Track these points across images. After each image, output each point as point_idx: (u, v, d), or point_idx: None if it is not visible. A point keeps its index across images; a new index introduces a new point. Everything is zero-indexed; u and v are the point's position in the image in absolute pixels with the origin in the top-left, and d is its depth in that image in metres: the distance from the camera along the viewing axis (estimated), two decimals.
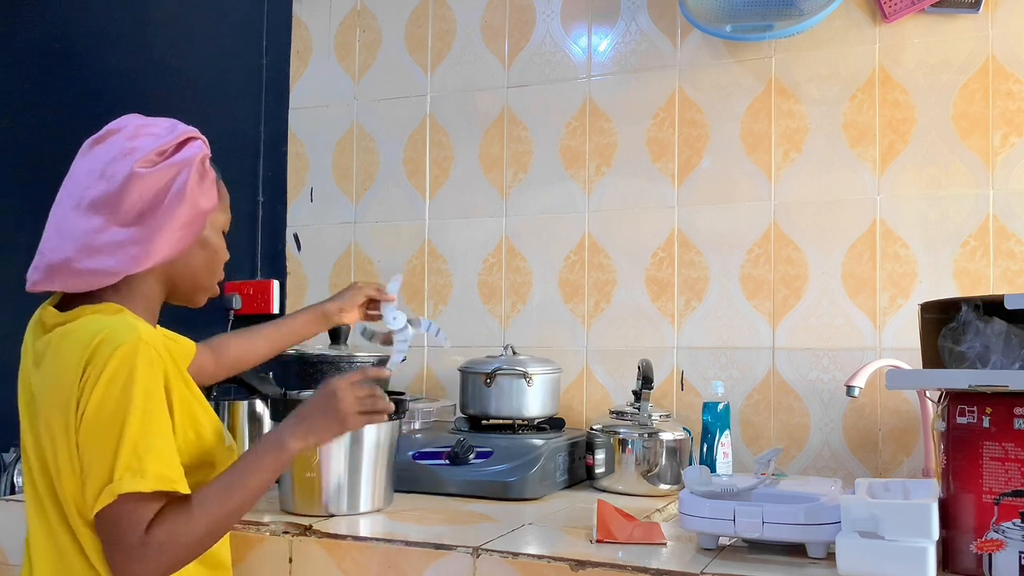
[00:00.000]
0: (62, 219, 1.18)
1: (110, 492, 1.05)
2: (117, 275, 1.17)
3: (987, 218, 1.77)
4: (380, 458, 1.50)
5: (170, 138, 1.21)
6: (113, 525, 1.06)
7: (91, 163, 1.19)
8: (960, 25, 1.80)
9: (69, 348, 1.12)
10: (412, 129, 2.27)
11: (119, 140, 1.20)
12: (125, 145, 1.19)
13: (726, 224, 1.96)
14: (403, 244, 2.27)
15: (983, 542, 1.11)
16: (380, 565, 1.30)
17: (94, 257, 1.15)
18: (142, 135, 1.21)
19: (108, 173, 1.17)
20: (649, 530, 1.34)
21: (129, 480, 1.05)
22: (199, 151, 1.24)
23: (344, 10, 2.37)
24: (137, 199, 1.16)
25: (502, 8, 2.20)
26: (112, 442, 1.06)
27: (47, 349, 1.15)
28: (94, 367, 1.08)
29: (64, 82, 2.75)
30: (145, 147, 1.19)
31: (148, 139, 1.20)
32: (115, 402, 1.07)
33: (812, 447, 1.87)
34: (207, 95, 2.52)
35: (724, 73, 1.98)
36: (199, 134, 1.27)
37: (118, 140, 1.20)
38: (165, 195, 1.18)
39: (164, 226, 1.18)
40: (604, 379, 2.05)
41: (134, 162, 1.17)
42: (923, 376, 1.30)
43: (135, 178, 1.16)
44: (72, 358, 1.10)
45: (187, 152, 1.22)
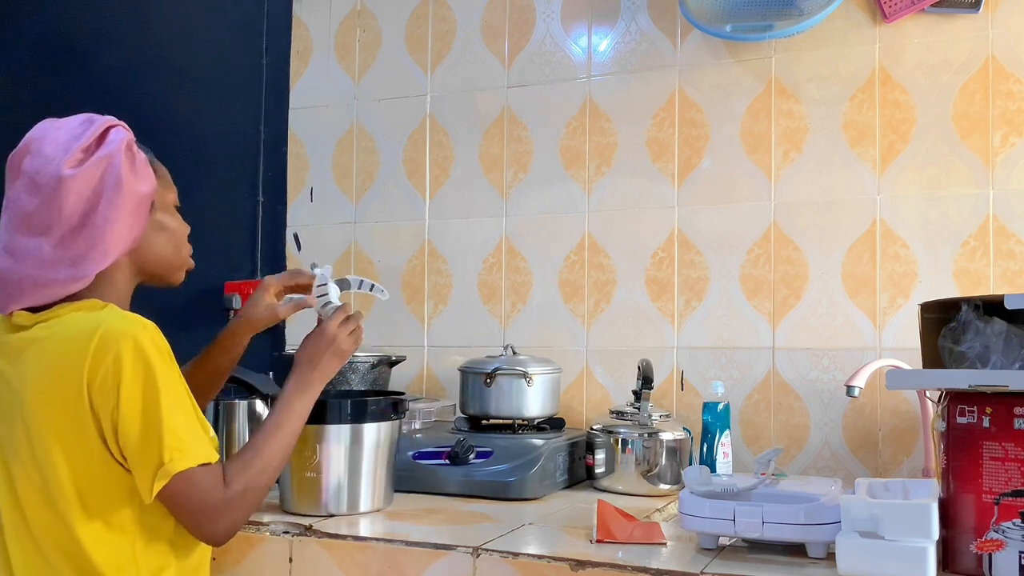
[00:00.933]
0: (10, 241, 1.18)
1: (165, 473, 1.11)
2: (84, 279, 1.18)
3: (987, 218, 1.77)
4: (380, 458, 1.50)
5: (89, 132, 1.21)
6: (187, 497, 1.13)
7: (21, 179, 1.19)
8: (960, 25, 1.80)
9: (63, 345, 1.13)
10: (412, 129, 2.28)
11: (40, 148, 1.20)
12: (46, 151, 1.19)
13: (726, 224, 1.96)
14: (403, 244, 2.27)
15: (983, 542, 1.11)
16: (380, 565, 1.30)
17: (55, 269, 1.17)
18: (61, 137, 1.21)
19: (39, 184, 1.17)
20: (649, 530, 1.34)
21: (179, 459, 1.12)
22: (122, 137, 1.23)
23: (344, 10, 2.37)
24: (75, 200, 1.17)
25: (502, 8, 2.20)
26: (154, 431, 1.11)
27: (29, 346, 1.16)
28: (107, 365, 1.10)
29: (64, 81, 2.75)
30: (67, 147, 1.19)
31: (68, 139, 1.20)
32: (143, 397, 1.11)
33: (812, 447, 1.87)
34: (207, 95, 2.52)
35: (724, 73, 1.98)
36: (117, 121, 1.26)
37: (40, 148, 1.20)
38: (102, 189, 1.18)
39: (110, 219, 1.18)
40: (604, 379, 2.05)
41: (61, 164, 1.17)
42: (923, 376, 1.30)
43: (66, 181, 1.16)
44: (72, 355, 1.12)
45: (110, 142, 1.21)
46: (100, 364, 1.11)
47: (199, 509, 1.15)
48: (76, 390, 1.11)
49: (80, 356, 1.11)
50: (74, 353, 1.12)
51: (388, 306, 2.26)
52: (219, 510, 1.16)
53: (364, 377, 1.95)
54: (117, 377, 1.10)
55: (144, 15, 2.65)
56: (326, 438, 1.45)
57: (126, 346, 1.11)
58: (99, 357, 1.11)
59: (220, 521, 1.18)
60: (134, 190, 1.21)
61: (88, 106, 2.79)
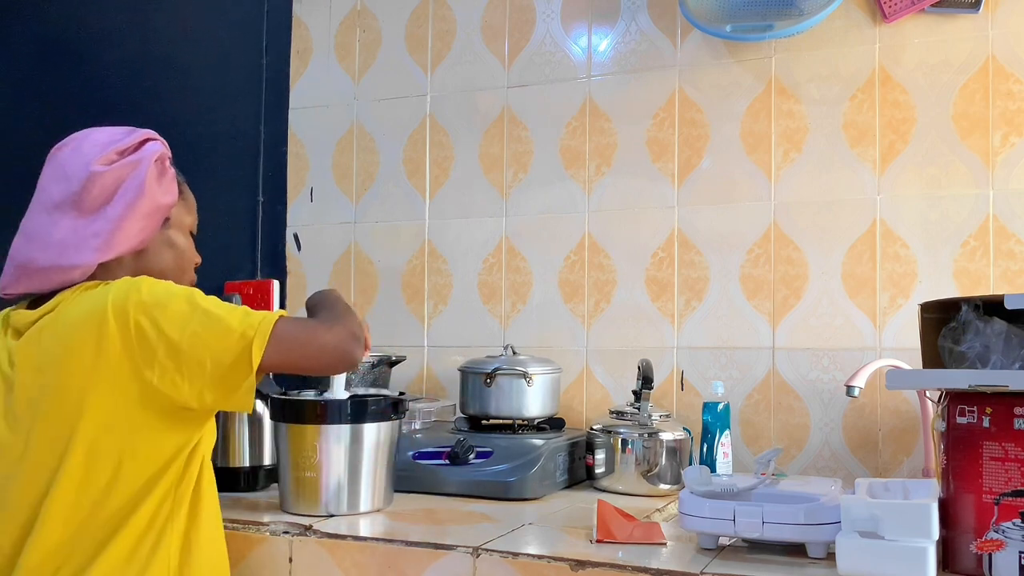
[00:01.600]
0: (27, 222, 1.26)
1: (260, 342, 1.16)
2: (84, 268, 1.22)
3: (987, 218, 1.77)
4: (380, 458, 1.50)
5: (128, 140, 1.28)
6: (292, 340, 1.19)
7: (54, 169, 1.26)
8: (960, 25, 1.80)
9: (78, 317, 1.16)
10: (412, 129, 2.27)
11: (79, 144, 1.27)
12: (84, 148, 1.26)
13: (726, 224, 1.96)
14: (403, 244, 2.27)
15: (983, 542, 1.11)
16: (380, 565, 1.30)
17: (62, 254, 1.22)
18: (101, 138, 1.28)
19: (69, 174, 1.24)
20: (649, 530, 1.34)
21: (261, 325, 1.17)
22: (157, 149, 1.30)
23: (344, 10, 2.37)
24: (97, 194, 1.23)
25: (502, 8, 2.20)
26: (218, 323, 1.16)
27: (41, 332, 1.19)
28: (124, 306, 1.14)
29: (63, 81, 2.75)
30: (104, 147, 1.26)
31: (107, 140, 1.27)
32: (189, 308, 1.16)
33: (812, 447, 1.87)
34: (207, 95, 2.52)
35: (724, 73, 1.98)
36: (158, 136, 1.33)
37: (80, 144, 1.27)
38: (123, 188, 1.25)
39: (123, 216, 1.24)
40: (604, 379, 2.05)
41: (93, 160, 1.24)
42: (923, 376, 1.30)
43: (94, 176, 1.23)
44: (89, 320, 1.15)
45: (145, 150, 1.28)
46: (125, 316, 1.14)
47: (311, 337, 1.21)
48: (104, 352, 1.14)
49: (99, 318, 1.14)
50: (92, 318, 1.15)
51: (388, 306, 2.26)
52: (325, 324, 1.24)
53: (364, 377, 1.95)
54: (150, 313, 1.14)
55: (144, 15, 2.65)
56: (326, 438, 1.45)
57: (143, 285, 1.17)
58: (120, 310, 1.14)
59: (336, 327, 1.24)
60: (153, 197, 1.27)
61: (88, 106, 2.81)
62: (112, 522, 1.16)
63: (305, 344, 1.20)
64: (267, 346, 1.16)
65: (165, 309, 1.15)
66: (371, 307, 2.28)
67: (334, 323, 1.26)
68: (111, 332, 1.14)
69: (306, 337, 1.21)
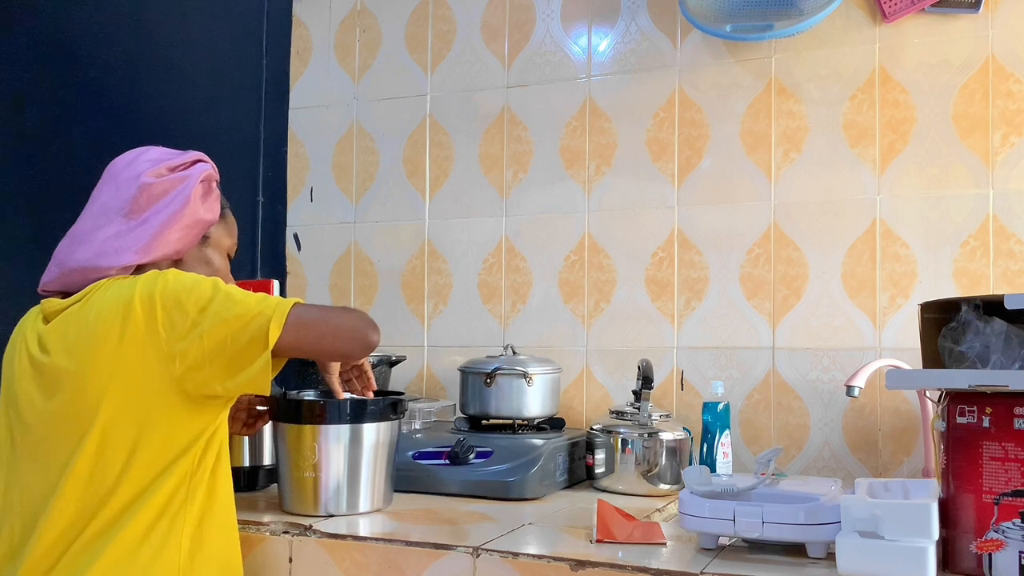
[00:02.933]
0: (78, 229, 1.32)
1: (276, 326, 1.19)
2: (121, 269, 1.28)
3: (987, 218, 1.77)
4: (380, 458, 1.50)
5: (180, 158, 1.37)
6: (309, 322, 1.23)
7: (108, 180, 1.35)
8: (960, 25, 1.80)
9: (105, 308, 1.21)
10: (412, 129, 2.27)
11: (134, 158, 1.35)
12: (140, 162, 1.34)
13: (726, 224, 1.96)
14: (403, 244, 2.27)
15: (983, 542, 1.11)
16: (380, 565, 1.30)
17: (102, 255, 1.28)
18: (156, 155, 1.36)
19: (120, 184, 1.32)
20: (649, 530, 1.34)
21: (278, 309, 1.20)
22: (205, 169, 1.38)
23: (344, 10, 2.37)
24: (144, 202, 1.31)
25: (502, 8, 2.20)
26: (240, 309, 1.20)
27: (68, 319, 1.24)
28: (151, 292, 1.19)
29: (63, 81, 2.74)
30: (156, 163, 1.34)
31: (161, 156, 1.36)
32: (212, 294, 1.20)
33: (812, 447, 1.87)
34: (207, 95, 2.52)
35: (724, 73, 1.98)
36: (209, 160, 1.41)
37: (134, 159, 1.35)
38: (168, 200, 1.32)
39: (165, 223, 1.31)
40: (604, 379, 2.05)
41: (144, 172, 1.32)
42: (923, 376, 1.30)
43: (144, 186, 1.31)
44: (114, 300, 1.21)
45: (195, 169, 1.37)
46: (152, 301, 1.18)
47: (327, 321, 1.25)
48: (128, 337, 1.18)
49: (126, 304, 1.19)
50: (118, 304, 1.19)
51: (388, 306, 2.26)
52: (339, 309, 1.30)
53: None
54: (176, 297, 1.19)
55: (144, 15, 2.65)
56: (326, 438, 1.45)
57: (169, 273, 1.22)
58: (146, 296, 1.19)
59: (351, 312, 1.29)
60: (195, 212, 1.34)
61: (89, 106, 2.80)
62: (125, 506, 1.18)
63: (322, 325, 1.25)
64: (285, 326, 1.20)
65: (190, 293, 1.20)
66: (371, 307, 2.28)
67: (350, 310, 1.32)
68: (136, 317, 1.18)
69: (323, 319, 1.26)
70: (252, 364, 1.20)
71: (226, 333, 1.19)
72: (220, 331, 1.18)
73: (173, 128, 2.52)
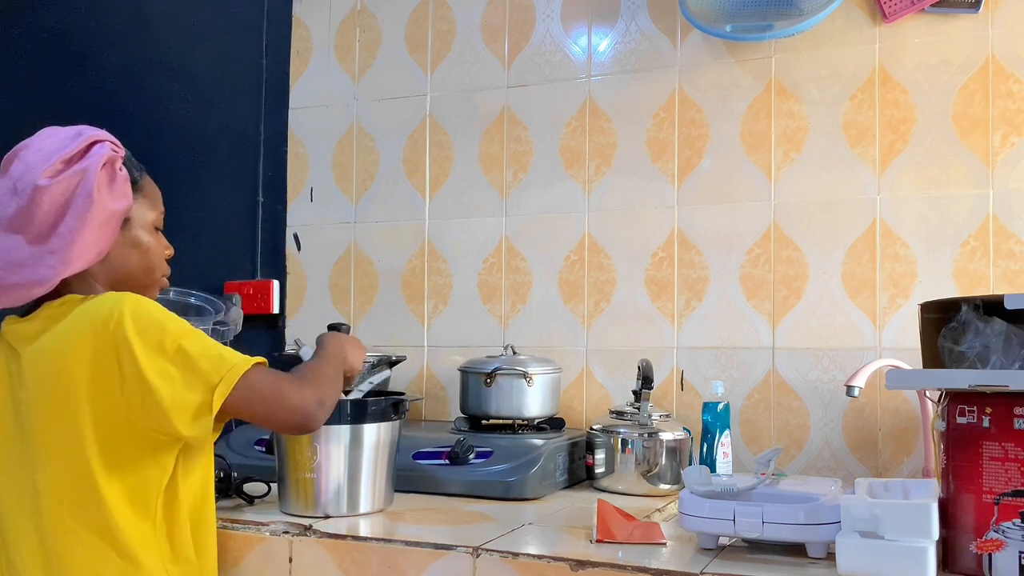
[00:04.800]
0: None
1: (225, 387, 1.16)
2: (44, 284, 1.23)
3: (987, 218, 1.77)
4: (380, 458, 1.50)
5: (74, 145, 1.25)
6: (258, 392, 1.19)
7: (6, 182, 1.24)
8: (960, 25, 1.80)
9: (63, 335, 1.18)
10: (412, 129, 2.27)
11: (28, 154, 1.24)
12: (32, 159, 1.23)
13: (726, 224, 1.96)
14: (403, 244, 2.27)
15: (983, 542, 1.11)
16: (380, 565, 1.30)
17: (18, 272, 1.21)
18: (47, 146, 1.24)
19: (19, 188, 1.22)
20: (649, 530, 1.34)
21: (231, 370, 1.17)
22: (104, 152, 1.26)
23: (344, 10, 2.37)
24: (48, 210, 1.21)
25: (502, 8, 2.20)
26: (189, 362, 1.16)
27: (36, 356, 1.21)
28: (110, 332, 1.15)
29: (64, 81, 2.75)
30: (49, 157, 1.23)
31: (52, 149, 1.24)
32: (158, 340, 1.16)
33: (812, 447, 1.87)
34: (207, 95, 2.52)
35: (724, 73, 1.98)
36: (107, 136, 1.29)
37: (27, 155, 1.24)
38: (72, 201, 1.23)
39: (76, 230, 1.22)
40: (604, 379, 2.05)
41: (39, 174, 1.21)
42: (923, 376, 1.30)
43: (41, 190, 1.21)
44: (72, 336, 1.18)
45: (91, 156, 1.25)
46: (107, 333, 1.15)
47: (277, 393, 1.21)
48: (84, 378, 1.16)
49: (82, 338, 1.16)
50: (75, 342, 1.17)
51: (388, 306, 2.26)
52: (296, 384, 1.23)
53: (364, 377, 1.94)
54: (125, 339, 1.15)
55: (144, 15, 2.65)
56: (326, 439, 1.45)
57: (125, 307, 1.17)
58: (102, 330, 1.15)
59: (306, 391, 1.23)
60: (104, 206, 1.25)
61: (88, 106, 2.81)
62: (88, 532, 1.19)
63: (270, 400, 1.21)
64: (231, 393, 1.17)
65: (144, 337, 1.16)
66: (371, 307, 2.28)
67: (305, 385, 1.25)
68: (92, 356, 1.16)
69: (273, 393, 1.21)
70: (192, 424, 1.17)
71: (168, 391, 1.15)
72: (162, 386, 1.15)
73: (173, 128, 2.52)
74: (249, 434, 1.85)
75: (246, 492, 1.57)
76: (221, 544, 1.38)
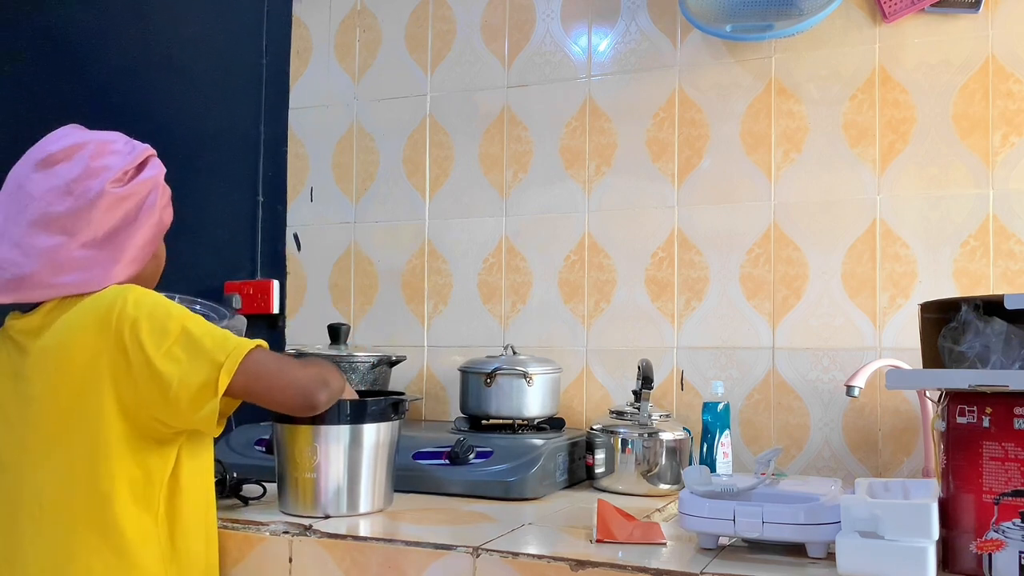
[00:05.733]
0: (22, 236, 1.22)
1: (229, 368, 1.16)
2: (92, 286, 1.23)
3: (987, 218, 1.77)
4: (380, 458, 1.50)
5: (132, 157, 1.27)
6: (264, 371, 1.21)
7: (53, 180, 1.23)
8: (960, 25, 1.80)
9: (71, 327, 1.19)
10: (412, 129, 2.27)
11: (83, 158, 1.24)
12: (91, 164, 1.23)
13: (726, 224, 1.96)
14: (403, 244, 2.27)
15: (983, 542, 1.11)
16: (380, 565, 1.30)
17: (63, 273, 1.21)
18: (107, 153, 1.26)
19: (76, 191, 1.22)
20: (649, 530, 1.34)
21: (234, 351, 1.18)
22: (161, 169, 1.31)
23: (344, 10, 2.37)
24: (109, 217, 1.23)
25: (502, 8, 2.20)
26: (194, 345, 1.17)
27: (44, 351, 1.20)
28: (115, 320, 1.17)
29: (63, 81, 2.75)
30: (112, 166, 1.24)
31: (113, 157, 1.26)
32: (163, 325, 1.17)
33: (812, 447, 1.87)
34: (207, 95, 2.52)
35: (724, 73, 1.98)
36: (154, 151, 1.33)
37: (82, 158, 1.24)
38: (137, 213, 1.26)
39: (132, 243, 1.25)
40: (604, 379, 2.05)
41: (106, 181, 1.22)
42: (923, 376, 1.30)
43: (106, 196, 1.22)
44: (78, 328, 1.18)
45: (151, 171, 1.29)
46: (110, 330, 1.16)
47: (280, 371, 1.22)
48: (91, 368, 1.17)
49: (88, 330, 1.17)
50: (82, 332, 1.18)
51: (388, 306, 2.26)
52: (299, 364, 1.24)
53: (364, 377, 1.95)
54: (134, 328, 1.16)
55: (144, 15, 2.65)
56: (326, 438, 1.45)
57: (129, 296, 1.18)
58: (107, 321, 1.17)
59: (310, 368, 1.25)
60: (161, 220, 1.31)
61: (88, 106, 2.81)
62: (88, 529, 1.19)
63: (275, 376, 1.22)
64: (236, 372, 1.18)
65: (149, 322, 1.17)
66: (371, 307, 2.28)
67: (309, 364, 1.27)
68: (99, 346, 1.17)
69: (277, 369, 1.23)
70: (199, 409, 1.18)
71: (176, 373, 1.17)
72: (170, 370, 1.16)
73: (173, 128, 2.52)
74: (249, 434, 1.84)
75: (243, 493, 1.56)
76: (221, 544, 1.39)
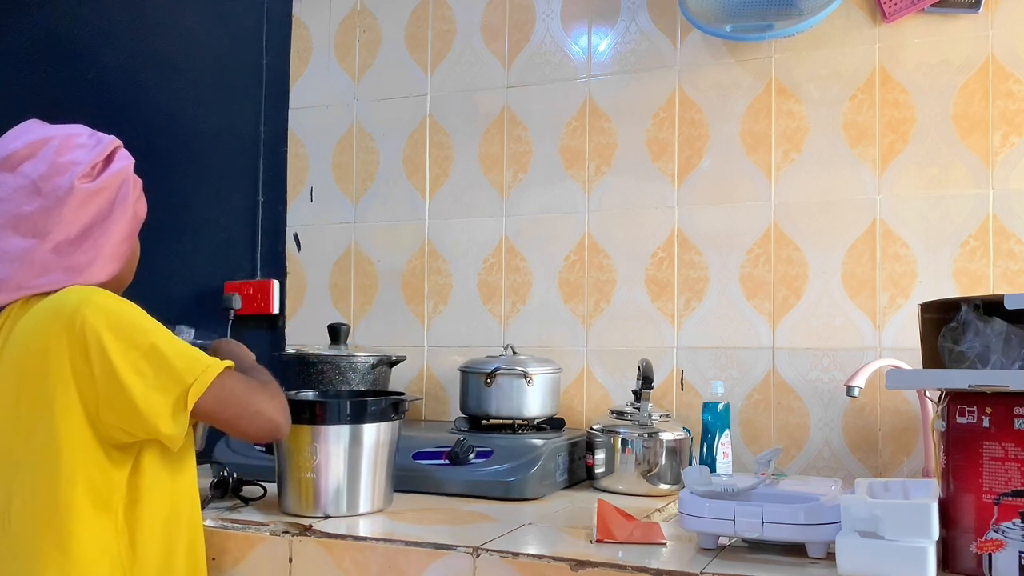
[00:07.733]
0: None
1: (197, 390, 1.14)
2: (67, 285, 1.19)
3: (987, 218, 1.77)
4: (380, 458, 1.50)
5: (99, 150, 1.24)
6: (230, 394, 1.18)
7: (19, 179, 1.20)
8: (960, 25, 1.80)
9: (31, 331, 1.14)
10: (412, 129, 2.27)
11: (48, 154, 1.20)
12: (57, 160, 1.20)
13: (726, 224, 1.96)
14: (403, 244, 2.27)
15: (983, 542, 1.11)
16: (380, 565, 1.30)
17: (46, 274, 1.18)
18: (72, 148, 1.22)
19: (45, 189, 1.18)
20: (649, 530, 1.34)
21: (204, 372, 1.16)
22: (130, 161, 1.27)
23: (344, 10, 2.37)
24: (81, 214, 1.19)
25: (502, 8, 2.20)
26: (164, 363, 1.13)
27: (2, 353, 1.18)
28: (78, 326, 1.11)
29: (63, 81, 2.75)
30: (80, 160, 1.20)
31: (80, 151, 1.22)
32: (130, 336, 1.13)
33: (812, 447, 1.87)
34: (207, 95, 2.52)
35: (724, 73, 1.98)
36: (120, 142, 1.29)
37: (47, 154, 1.20)
38: (110, 208, 1.22)
39: (108, 239, 1.22)
40: (604, 379, 2.05)
41: (75, 177, 1.19)
42: (923, 376, 1.30)
43: (76, 193, 1.19)
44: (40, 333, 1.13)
45: (120, 163, 1.25)
46: (76, 331, 1.11)
47: (249, 400, 1.20)
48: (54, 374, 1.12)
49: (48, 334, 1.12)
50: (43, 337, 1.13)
51: (388, 306, 2.26)
52: (266, 392, 1.22)
53: (364, 377, 1.95)
54: (98, 336, 1.11)
55: (144, 15, 2.65)
56: (325, 439, 1.45)
57: (95, 301, 1.13)
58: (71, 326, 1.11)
59: (276, 400, 1.23)
60: (136, 214, 1.27)
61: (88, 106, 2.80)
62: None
63: (243, 404, 1.20)
64: (205, 393, 1.16)
65: (115, 331, 1.13)
66: (371, 307, 2.28)
67: (274, 395, 1.25)
68: (61, 351, 1.12)
69: (247, 398, 1.20)
70: (162, 425, 1.15)
71: (140, 388, 1.12)
72: (134, 384, 1.12)
73: (173, 128, 2.52)
74: None
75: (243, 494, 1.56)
76: (221, 544, 1.39)
